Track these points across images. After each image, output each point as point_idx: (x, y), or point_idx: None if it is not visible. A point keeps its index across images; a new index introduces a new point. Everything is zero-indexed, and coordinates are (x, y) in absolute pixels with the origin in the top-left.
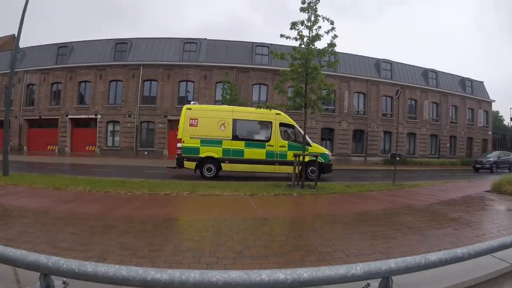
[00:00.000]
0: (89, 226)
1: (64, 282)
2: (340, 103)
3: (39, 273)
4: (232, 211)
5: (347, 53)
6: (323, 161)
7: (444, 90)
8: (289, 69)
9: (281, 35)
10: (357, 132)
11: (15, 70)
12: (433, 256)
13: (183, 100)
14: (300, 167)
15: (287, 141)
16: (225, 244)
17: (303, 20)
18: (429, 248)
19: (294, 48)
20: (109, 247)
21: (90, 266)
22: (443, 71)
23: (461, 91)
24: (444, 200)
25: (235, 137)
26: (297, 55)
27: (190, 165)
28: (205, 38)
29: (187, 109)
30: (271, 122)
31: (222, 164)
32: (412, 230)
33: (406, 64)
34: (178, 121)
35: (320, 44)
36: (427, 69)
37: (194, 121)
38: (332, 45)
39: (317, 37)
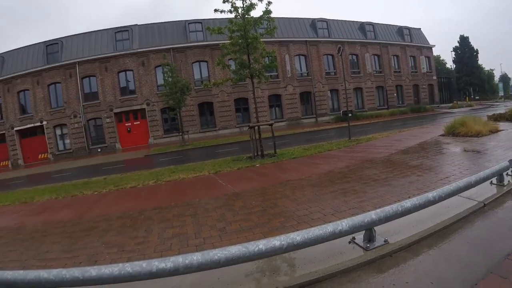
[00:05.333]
0: (69, 232)
1: None
2: (282, 68)
3: None
4: (202, 191)
5: (282, 17)
6: None
7: (384, 41)
8: (228, 42)
9: (215, 10)
10: (304, 94)
11: None
12: (408, 203)
13: (126, 91)
14: (258, 137)
15: None
16: (206, 224)
17: None
18: (399, 197)
19: (230, 20)
20: (95, 249)
21: (93, 271)
22: (380, 22)
23: (400, 40)
24: (403, 149)
25: None
26: (235, 27)
27: None
28: (136, 24)
29: None
30: None
31: None
32: (378, 182)
33: (342, 20)
34: (124, 112)
35: (255, 13)
36: (363, 22)
37: None
38: (267, 12)
39: (252, 6)
